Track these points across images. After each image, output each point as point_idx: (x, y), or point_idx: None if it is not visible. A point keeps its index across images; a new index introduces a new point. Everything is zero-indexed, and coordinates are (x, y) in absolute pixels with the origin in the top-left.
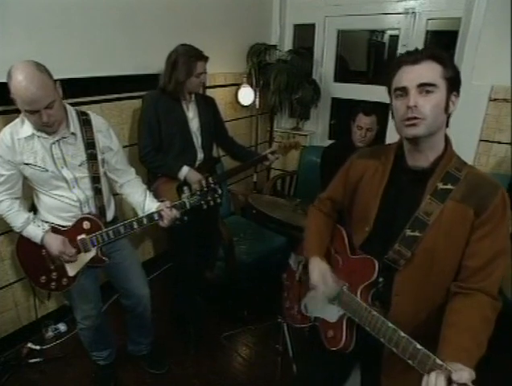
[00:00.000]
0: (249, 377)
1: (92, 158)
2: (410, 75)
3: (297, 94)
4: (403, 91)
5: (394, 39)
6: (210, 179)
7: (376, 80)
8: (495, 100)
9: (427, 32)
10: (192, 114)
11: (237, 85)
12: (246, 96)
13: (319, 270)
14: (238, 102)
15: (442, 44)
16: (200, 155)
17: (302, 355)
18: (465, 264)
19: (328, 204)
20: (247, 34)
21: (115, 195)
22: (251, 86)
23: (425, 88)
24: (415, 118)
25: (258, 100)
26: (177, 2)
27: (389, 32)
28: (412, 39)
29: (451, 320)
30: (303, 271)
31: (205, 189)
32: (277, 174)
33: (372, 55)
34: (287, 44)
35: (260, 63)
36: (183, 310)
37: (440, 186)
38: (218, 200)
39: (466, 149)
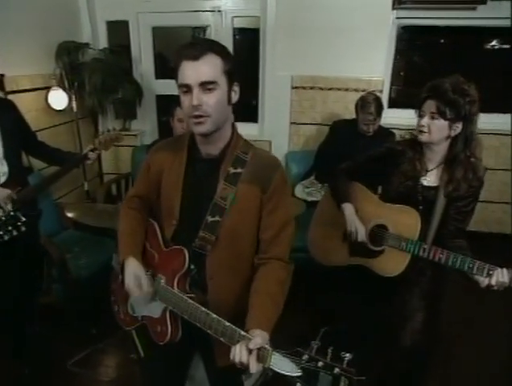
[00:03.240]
0: None
1: None
2: (192, 73)
3: (117, 94)
4: (187, 88)
5: None
6: (9, 207)
7: None
8: (296, 87)
9: (235, 29)
10: None
11: (47, 88)
12: (59, 99)
13: (133, 274)
14: (51, 107)
15: (249, 40)
16: (4, 168)
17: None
18: (261, 237)
19: (137, 201)
20: (52, 32)
21: None
22: (63, 88)
23: (207, 85)
24: (201, 116)
25: (74, 103)
26: None
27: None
28: (222, 35)
29: (254, 289)
30: None
31: (3, 219)
32: (111, 179)
33: None
34: (102, 42)
35: (72, 63)
36: (16, 349)
37: (231, 170)
38: (23, 229)
39: (281, 132)
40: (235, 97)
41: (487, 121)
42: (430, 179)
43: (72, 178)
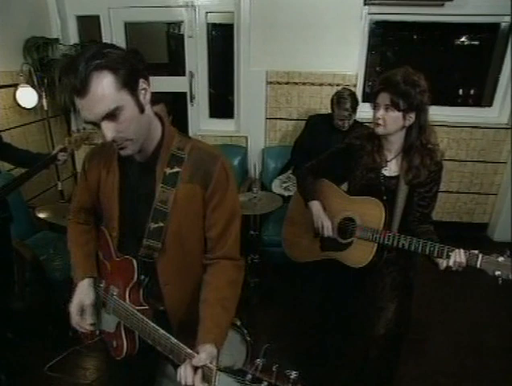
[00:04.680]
0: None
1: None
2: (88, 112)
3: None
4: (93, 123)
5: None
6: None
7: (177, 72)
8: (271, 82)
9: (209, 24)
10: None
11: (15, 86)
12: (28, 97)
13: (78, 304)
14: (20, 105)
15: (223, 36)
16: None
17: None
18: (207, 235)
19: (82, 214)
20: (19, 27)
21: None
22: (33, 86)
23: (111, 113)
24: (121, 143)
25: (44, 101)
26: None
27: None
28: (196, 31)
29: (203, 298)
30: None
31: None
32: None
33: (172, 47)
34: (73, 38)
35: (42, 60)
36: None
37: (168, 171)
38: None
39: (258, 128)
40: (147, 96)
41: (459, 115)
42: (391, 169)
43: (46, 178)
